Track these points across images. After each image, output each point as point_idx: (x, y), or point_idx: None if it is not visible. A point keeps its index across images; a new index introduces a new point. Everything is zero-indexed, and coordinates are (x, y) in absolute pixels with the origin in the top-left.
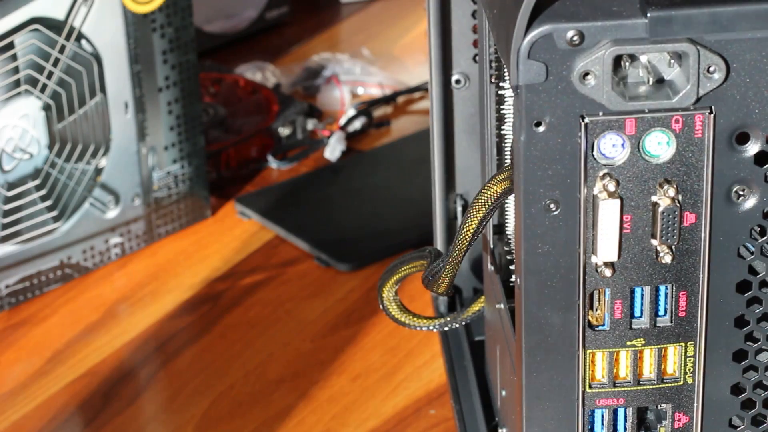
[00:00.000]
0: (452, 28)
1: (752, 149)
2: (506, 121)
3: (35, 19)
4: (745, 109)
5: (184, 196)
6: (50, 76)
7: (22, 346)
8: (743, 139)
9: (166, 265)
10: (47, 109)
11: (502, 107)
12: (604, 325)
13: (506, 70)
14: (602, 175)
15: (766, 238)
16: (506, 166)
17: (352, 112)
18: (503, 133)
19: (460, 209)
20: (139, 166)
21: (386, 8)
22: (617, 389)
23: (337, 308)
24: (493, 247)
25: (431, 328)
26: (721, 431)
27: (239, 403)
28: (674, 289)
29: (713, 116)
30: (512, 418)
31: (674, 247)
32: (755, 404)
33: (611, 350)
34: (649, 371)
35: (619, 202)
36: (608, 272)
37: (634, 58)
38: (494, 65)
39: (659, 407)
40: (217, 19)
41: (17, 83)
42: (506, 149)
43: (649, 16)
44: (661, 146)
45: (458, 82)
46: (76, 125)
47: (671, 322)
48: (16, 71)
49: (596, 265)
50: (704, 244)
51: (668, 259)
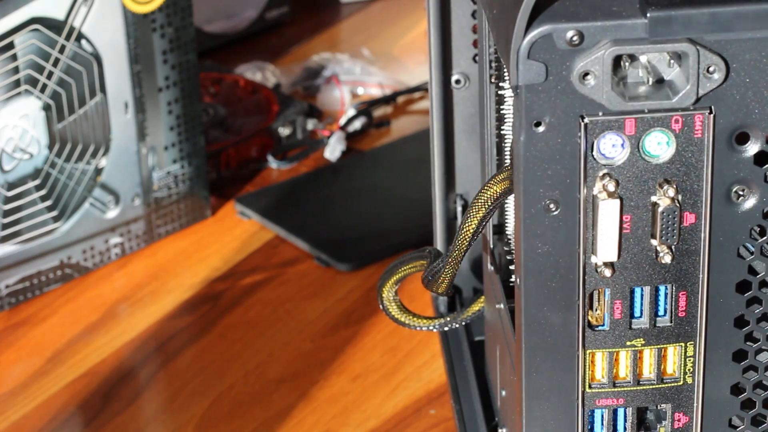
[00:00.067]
0: (452, 28)
1: (752, 149)
2: (506, 121)
3: (35, 19)
4: (744, 109)
5: (184, 196)
6: (50, 76)
7: (22, 346)
8: (743, 139)
9: (166, 265)
10: (47, 109)
11: (501, 107)
12: (603, 325)
13: (506, 70)
14: (602, 175)
15: (765, 238)
16: (506, 166)
17: (352, 112)
18: (503, 133)
19: (460, 209)
20: (139, 166)
21: (386, 8)
22: (617, 389)
23: (337, 308)
24: (492, 247)
25: (431, 328)
26: (720, 431)
27: (239, 403)
28: (674, 289)
29: (713, 116)
30: (512, 418)
31: (674, 247)
32: (755, 404)
33: (611, 350)
34: (648, 371)
35: (618, 202)
36: (608, 272)
37: (633, 58)
38: (494, 65)
39: (659, 407)
40: (217, 19)
41: (17, 83)
42: (506, 149)
43: (648, 16)
44: (660, 146)
45: (458, 82)
46: (76, 125)
47: (671, 322)
48: (16, 71)
49: (596, 265)
50: (704, 244)
51: (668, 259)
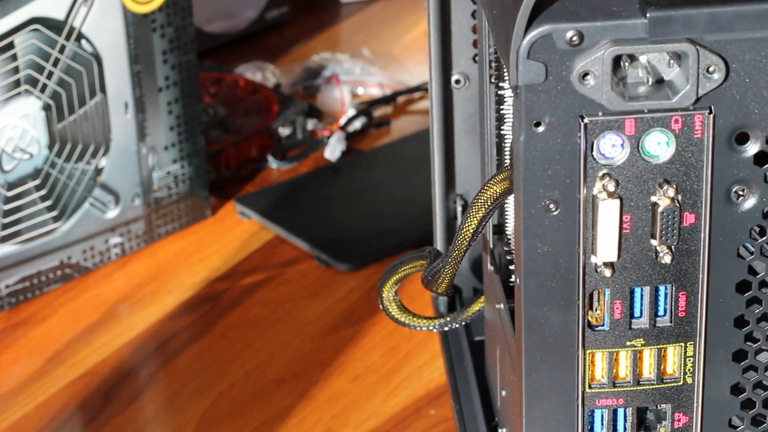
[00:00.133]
0: (452, 28)
1: (752, 149)
2: (506, 121)
3: (35, 19)
4: (744, 109)
5: (184, 196)
6: (50, 76)
7: (22, 346)
8: (743, 139)
9: (166, 265)
10: (47, 109)
11: (501, 107)
12: (603, 325)
13: (506, 70)
14: (602, 175)
15: (765, 238)
16: (506, 166)
17: (352, 112)
18: (503, 133)
19: (459, 209)
20: (139, 166)
21: (386, 8)
22: (617, 389)
23: (337, 308)
24: (492, 247)
25: (431, 328)
26: (720, 431)
27: (239, 403)
28: (674, 289)
29: (713, 116)
30: (512, 418)
31: (674, 247)
32: (755, 404)
33: (611, 350)
34: (648, 371)
35: (618, 202)
36: (608, 272)
37: (633, 58)
38: (494, 65)
39: (659, 407)
40: (217, 19)
41: (17, 83)
42: (506, 149)
43: (648, 16)
44: (660, 146)
45: (458, 82)
46: (76, 125)
47: (671, 322)
48: (16, 71)
49: (596, 265)
50: (704, 244)
51: (668, 259)
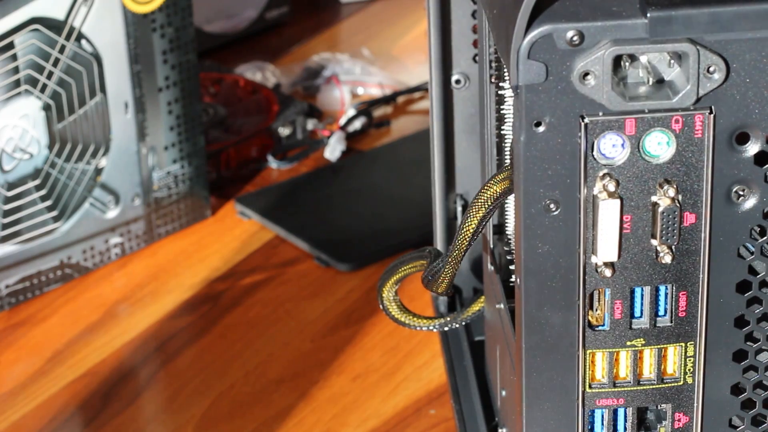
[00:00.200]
0: (452, 28)
1: (752, 149)
2: (506, 121)
3: (35, 19)
4: (745, 109)
5: (184, 196)
6: (50, 76)
7: (22, 346)
8: (743, 139)
9: (166, 265)
10: (47, 109)
11: (501, 107)
12: (604, 325)
13: (506, 70)
14: (602, 175)
15: (766, 238)
16: (506, 166)
17: (352, 112)
18: (503, 133)
19: (460, 209)
20: (139, 166)
21: (386, 8)
22: (617, 389)
23: (337, 308)
24: (492, 247)
25: (431, 328)
26: (721, 431)
27: (239, 403)
28: (674, 289)
29: (713, 116)
30: (512, 418)
31: (674, 247)
32: (755, 404)
33: (611, 350)
34: (649, 371)
35: (619, 202)
36: (608, 272)
37: (633, 58)
38: (494, 65)
39: (659, 407)
40: (217, 19)
41: (17, 83)
42: (506, 149)
43: (649, 16)
44: (661, 146)
45: (458, 82)
46: (76, 125)
47: (671, 322)
48: (16, 71)
49: (596, 265)
50: (704, 244)
51: (668, 259)
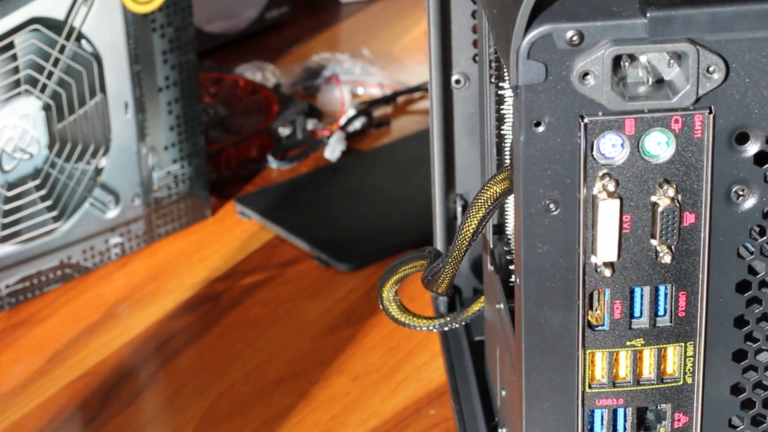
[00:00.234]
0: (452, 28)
1: (752, 149)
2: (506, 121)
3: (35, 19)
4: (744, 109)
5: (184, 196)
6: (50, 76)
7: (22, 346)
8: (743, 139)
9: (166, 265)
10: (47, 109)
11: (501, 107)
12: (603, 325)
13: (506, 70)
14: (602, 175)
15: (765, 238)
16: (506, 166)
17: (352, 112)
18: (503, 133)
19: (459, 209)
20: (139, 166)
21: (386, 8)
22: (617, 389)
23: (337, 308)
24: (492, 247)
25: (431, 328)
26: (720, 431)
27: (239, 403)
28: (674, 289)
29: (713, 116)
30: (512, 418)
31: (674, 247)
32: (755, 404)
33: (611, 350)
34: (648, 371)
35: (618, 202)
36: (608, 272)
37: (633, 58)
38: (494, 65)
39: (659, 407)
40: (217, 19)
41: (17, 83)
42: (506, 149)
43: (648, 16)
44: (660, 146)
45: (458, 82)
46: (76, 125)
47: (671, 322)
48: (16, 71)
49: (596, 265)
50: (704, 244)
51: (668, 259)
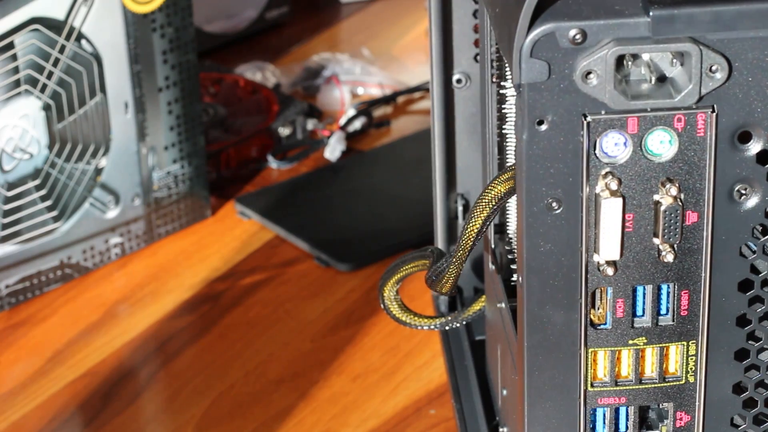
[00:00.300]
0: (453, 27)
1: (754, 148)
2: (507, 120)
3: (35, 19)
4: (747, 108)
5: (184, 196)
6: (50, 76)
7: (22, 346)
8: (745, 138)
9: (166, 265)
10: (47, 109)
11: (503, 106)
12: (606, 323)
13: (508, 69)
14: (604, 173)
15: (767, 237)
16: (510, 166)
17: (352, 112)
18: (504, 132)
19: (460, 209)
20: (139, 166)
21: (386, 8)
22: (619, 388)
23: (337, 308)
24: (494, 246)
25: (432, 327)
26: (722, 430)
27: (239, 403)
28: (676, 287)
29: (715, 115)
30: (513, 417)
31: (676, 245)
32: (757, 403)
33: (613, 349)
34: (650, 370)
35: (621, 200)
36: (610, 271)
37: (636, 56)
38: (495, 64)
39: (661, 406)
40: (217, 19)
41: (17, 83)
42: (507, 148)
43: (651, 14)
44: (663, 145)
45: (459, 81)
46: (76, 125)
47: (673, 320)
48: (16, 71)
49: (598, 263)
50: (706, 242)
51: (670, 257)
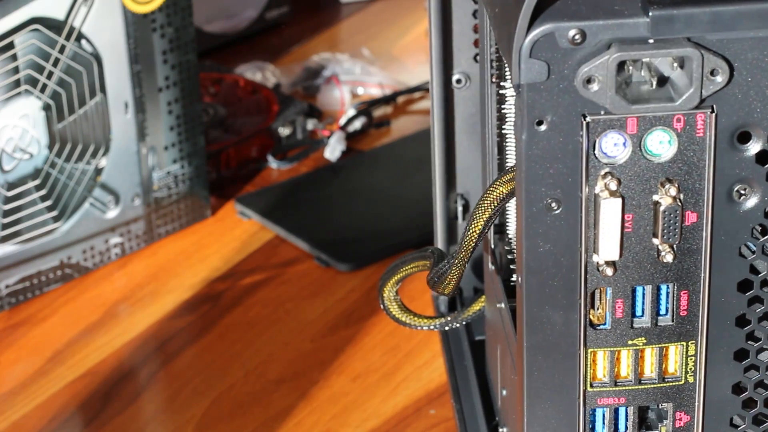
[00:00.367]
0: (453, 27)
1: (754, 148)
2: (507, 120)
3: (35, 19)
4: (746, 108)
5: (184, 196)
6: (50, 76)
7: (22, 346)
8: (745, 138)
9: (166, 265)
10: (47, 109)
11: (502, 107)
12: (605, 324)
13: (507, 69)
14: (604, 173)
15: (767, 237)
16: (511, 167)
17: (352, 112)
18: (504, 132)
19: (460, 209)
20: (139, 166)
21: (386, 8)
22: (618, 388)
23: (337, 308)
24: (493, 246)
25: (432, 327)
26: (722, 430)
27: (239, 403)
28: (675, 288)
29: (715, 115)
30: (513, 417)
31: (676, 246)
32: (756, 403)
33: (612, 349)
34: (650, 370)
35: (620, 201)
36: (610, 271)
37: (636, 59)
38: (495, 65)
39: (660, 406)
40: (217, 19)
41: (17, 83)
42: (507, 149)
43: (650, 14)
44: (662, 145)
45: (459, 81)
46: (76, 125)
47: (672, 321)
48: (16, 71)
49: (598, 264)
50: (705, 243)
51: (669, 258)
